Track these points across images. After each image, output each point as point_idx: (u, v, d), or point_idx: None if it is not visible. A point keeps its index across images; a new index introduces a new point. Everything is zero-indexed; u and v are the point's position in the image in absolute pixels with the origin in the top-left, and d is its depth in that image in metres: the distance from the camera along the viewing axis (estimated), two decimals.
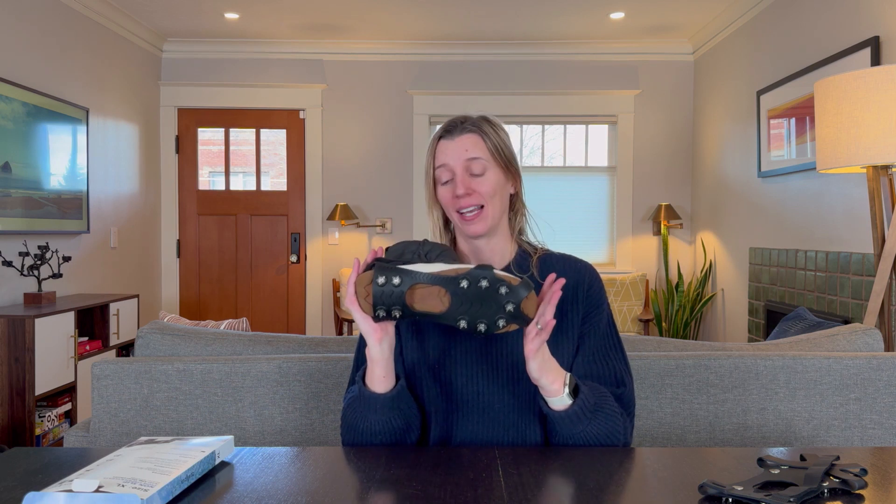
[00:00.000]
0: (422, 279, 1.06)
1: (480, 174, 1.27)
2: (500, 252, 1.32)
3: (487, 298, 1.04)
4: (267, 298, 5.41)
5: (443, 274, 1.06)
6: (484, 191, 1.26)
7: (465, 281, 1.05)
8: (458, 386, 1.23)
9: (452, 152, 1.28)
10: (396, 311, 1.07)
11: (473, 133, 1.29)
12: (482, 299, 1.04)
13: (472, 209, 1.26)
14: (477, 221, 1.26)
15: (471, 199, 1.26)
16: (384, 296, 1.07)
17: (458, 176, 1.27)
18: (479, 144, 1.28)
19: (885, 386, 1.59)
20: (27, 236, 3.64)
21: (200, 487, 0.93)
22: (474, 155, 1.27)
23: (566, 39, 5.20)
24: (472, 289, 1.05)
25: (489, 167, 1.28)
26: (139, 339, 1.71)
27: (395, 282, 1.06)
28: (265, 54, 5.30)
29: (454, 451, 1.08)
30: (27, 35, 3.68)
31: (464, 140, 1.28)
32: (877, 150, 2.14)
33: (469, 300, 1.05)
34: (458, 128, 1.30)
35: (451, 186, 1.28)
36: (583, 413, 1.14)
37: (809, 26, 3.59)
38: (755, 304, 4.16)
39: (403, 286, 1.06)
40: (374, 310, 1.08)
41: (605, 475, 0.96)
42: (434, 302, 1.06)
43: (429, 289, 1.06)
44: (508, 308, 1.04)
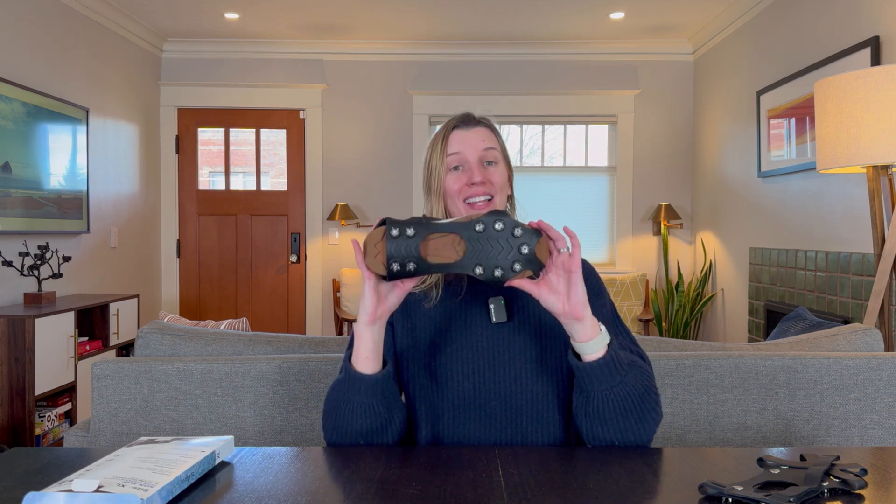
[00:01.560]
0: (436, 228, 1.05)
1: (493, 164, 1.29)
2: None
3: (502, 241, 1.04)
4: (267, 298, 5.41)
5: (457, 221, 1.06)
6: (496, 182, 1.28)
7: (481, 224, 1.04)
8: (453, 383, 1.22)
9: (468, 141, 1.29)
10: (411, 265, 1.05)
11: (487, 128, 1.32)
12: (497, 242, 1.04)
13: (482, 199, 1.26)
14: (485, 210, 1.25)
15: (484, 188, 1.26)
16: (399, 248, 1.05)
17: (474, 164, 1.27)
18: (493, 138, 1.32)
19: (885, 386, 1.59)
20: (27, 236, 3.64)
21: (200, 487, 0.93)
22: (490, 145, 1.29)
23: (566, 39, 5.20)
24: (487, 231, 1.04)
25: (500, 160, 1.30)
26: (139, 339, 1.71)
27: (408, 233, 1.05)
28: (265, 54, 5.30)
29: (454, 450, 1.08)
30: (27, 35, 3.68)
31: (479, 131, 1.30)
32: (877, 150, 2.14)
33: (483, 244, 1.04)
34: (472, 120, 1.32)
35: (463, 174, 1.28)
36: (618, 363, 1.11)
37: (809, 26, 3.59)
38: (755, 304, 4.16)
39: (418, 237, 1.05)
40: (387, 264, 1.05)
41: (605, 475, 0.96)
42: (448, 252, 1.05)
43: (443, 238, 1.05)
44: (524, 250, 1.04)
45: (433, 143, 1.32)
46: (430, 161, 1.32)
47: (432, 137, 1.34)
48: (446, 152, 1.29)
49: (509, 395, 1.21)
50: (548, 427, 1.22)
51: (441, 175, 1.29)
